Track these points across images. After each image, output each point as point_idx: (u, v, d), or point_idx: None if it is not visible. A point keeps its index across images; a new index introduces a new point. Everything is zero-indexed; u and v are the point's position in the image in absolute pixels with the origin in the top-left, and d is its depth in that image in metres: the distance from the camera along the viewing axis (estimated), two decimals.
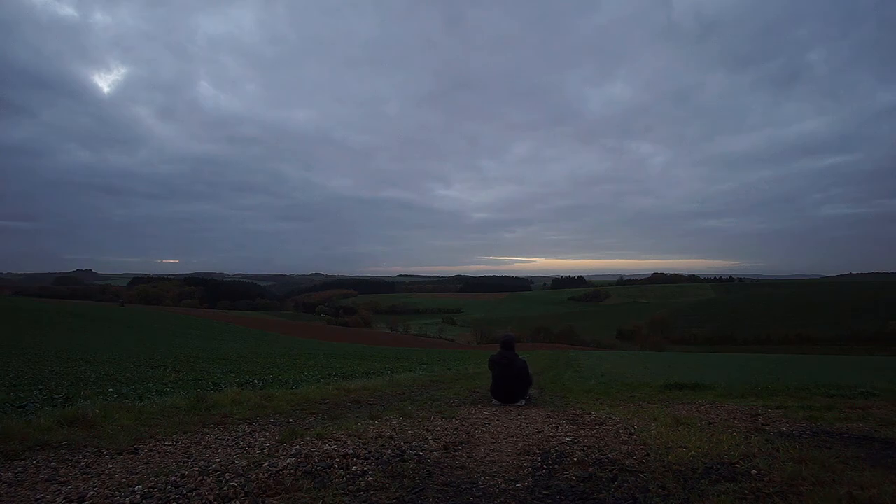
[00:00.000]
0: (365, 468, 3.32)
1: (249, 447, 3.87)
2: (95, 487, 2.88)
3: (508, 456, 3.74)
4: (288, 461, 3.40)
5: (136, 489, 2.84)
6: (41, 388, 8.09)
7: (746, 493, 2.78)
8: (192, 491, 2.83)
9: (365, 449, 3.79)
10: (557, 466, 3.44)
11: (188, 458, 3.56)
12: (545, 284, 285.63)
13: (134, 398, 6.65)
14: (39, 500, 2.71)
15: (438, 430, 4.61)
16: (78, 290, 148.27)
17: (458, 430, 4.65)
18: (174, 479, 3.01)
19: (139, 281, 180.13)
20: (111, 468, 3.28)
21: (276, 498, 2.78)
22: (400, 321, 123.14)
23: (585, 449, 3.85)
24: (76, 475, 3.11)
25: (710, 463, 3.35)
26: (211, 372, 11.67)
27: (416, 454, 3.70)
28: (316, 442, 3.97)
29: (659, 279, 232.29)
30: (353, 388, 7.68)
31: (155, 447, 3.83)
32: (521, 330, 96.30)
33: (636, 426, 4.59)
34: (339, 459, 3.49)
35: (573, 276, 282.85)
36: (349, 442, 4.01)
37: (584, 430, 4.60)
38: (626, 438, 4.16)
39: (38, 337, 26.65)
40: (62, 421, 4.33)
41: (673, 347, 75.48)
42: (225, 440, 4.11)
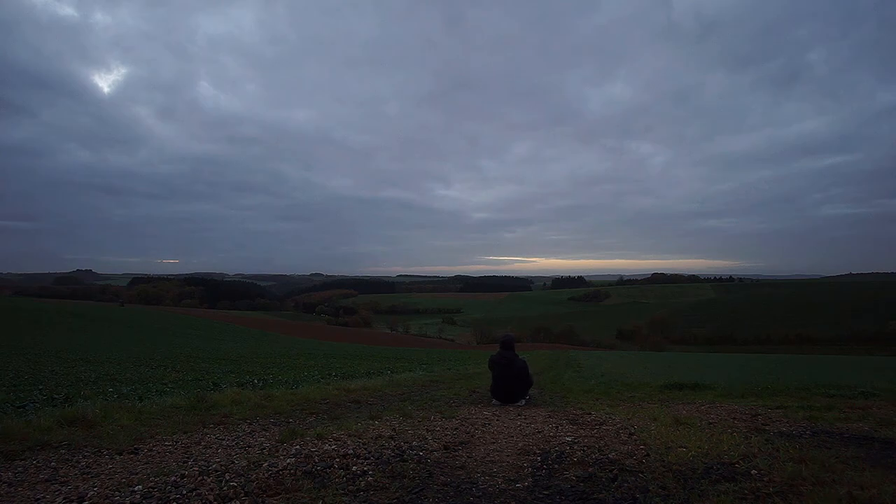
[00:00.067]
0: (365, 468, 3.32)
1: (249, 447, 3.87)
2: (95, 487, 2.88)
3: (508, 456, 3.74)
4: (288, 461, 3.40)
5: (136, 489, 2.84)
6: (41, 388, 8.10)
7: (746, 493, 2.78)
8: (192, 491, 2.83)
9: (365, 449, 3.79)
10: (557, 466, 3.44)
11: (188, 458, 3.56)
12: (545, 284, 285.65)
13: (134, 398, 6.65)
14: (39, 500, 2.71)
15: (438, 430, 4.61)
16: (78, 290, 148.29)
17: (458, 430, 4.65)
18: (174, 479, 3.02)
19: (139, 281, 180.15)
20: (111, 468, 3.28)
21: (276, 498, 2.78)
22: (400, 321, 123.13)
23: (585, 449, 3.85)
24: (76, 475, 3.11)
25: (710, 463, 3.35)
26: (211, 372, 11.67)
27: (416, 454, 3.70)
28: (316, 442, 3.97)
29: (659, 279, 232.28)
30: (353, 388, 7.68)
31: (155, 447, 3.83)
32: (521, 330, 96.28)
33: (636, 426, 4.59)
34: (339, 459, 3.49)
35: (573, 276, 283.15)
36: (349, 442, 4.01)
37: (584, 430, 4.60)
38: (626, 438, 4.16)
39: (38, 337, 26.65)
40: (62, 421, 4.33)
41: (673, 347, 75.46)
42: (225, 440, 4.11)
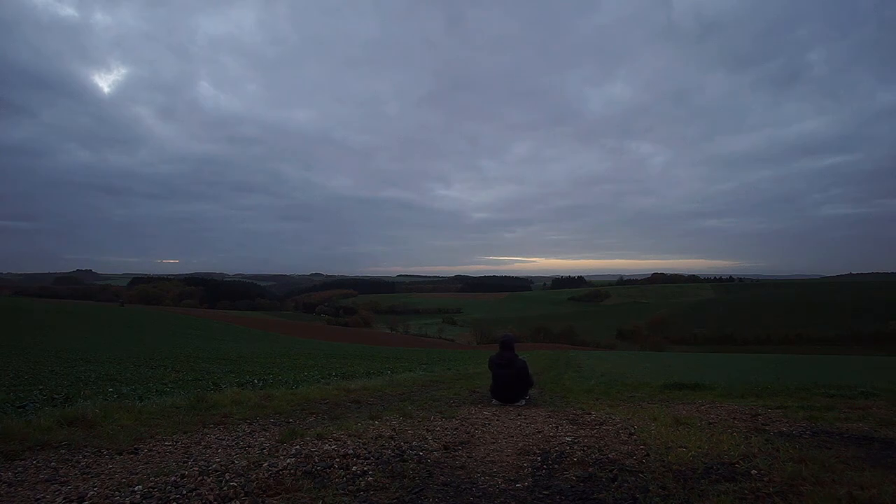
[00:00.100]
0: (365, 468, 3.32)
1: (249, 447, 3.87)
2: (95, 487, 2.88)
3: (508, 456, 3.74)
4: (288, 461, 3.40)
5: (136, 489, 2.84)
6: (41, 388, 8.10)
7: (746, 493, 2.78)
8: (192, 491, 2.83)
9: (365, 449, 3.79)
10: (557, 466, 3.43)
11: (188, 458, 3.55)
12: (545, 284, 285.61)
13: (134, 398, 6.64)
14: (39, 500, 2.71)
15: (438, 430, 4.61)
16: (78, 290, 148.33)
17: (458, 430, 4.65)
18: (174, 479, 3.01)
19: (139, 281, 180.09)
20: (111, 468, 3.28)
21: (276, 498, 2.78)
22: (400, 321, 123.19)
23: (585, 449, 3.84)
24: (76, 475, 3.11)
25: (710, 463, 3.35)
26: (211, 372, 11.67)
27: (416, 454, 3.70)
28: (316, 442, 3.97)
29: (659, 279, 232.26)
30: (353, 388, 7.68)
31: (155, 447, 3.83)
32: (521, 330, 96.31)
33: (636, 426, 4.59)
34: (339, 459, 3.49)
35: (573, 276, 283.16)
36: (349, 442, 4.00)
37: (584, 430, 4.60)
38: (626, 438, 4.15)
39: (38, 337, 26.64)
40: (62, 421, 4.32)
41: (673, 347, 75.50)
42: (225, 440, 4.11)
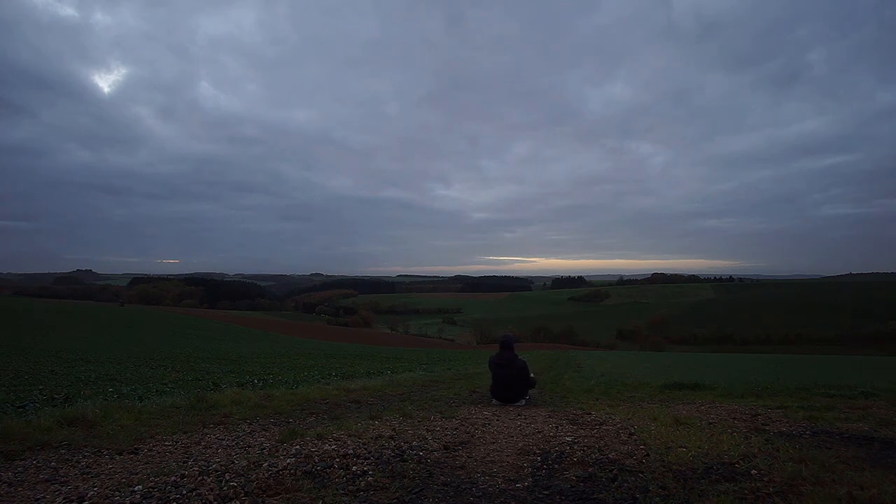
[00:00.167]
0: (365, 468, 3.32)
1: (249, 447, 3.87)
2: (95, 487, 2.88)
3: (508, 456, 3.74)
4: (288, 461, 3.40)
5: (136, 489, 2.84)
6: (41, 388, 8.10)
7: (746, 493, 2.78)
8: (192, 491, 2.83)
9: (365, 449, 3.79)
10: (557, 466, 3.43)
11: (188, 458, 3.55)
12: (545, 284, 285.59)
13: (134, 398, 6.64)
14: (39, 500, 2.71)
15: (438, 430, 4.61)
16: (78, 290, 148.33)
17: (458, 430, 4.65)
18: (174, 479, 3.01)
19: (139, 281, 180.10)
20: (111, 468, 3.28)
21: (276, 498, 2.78)
22: (400, 321, 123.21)
23: (585, 449, 3.84)
24: (76, 475, 3.11)
25: (710, 463, 3.35)
26: (211, 372, 11.67)
27: (416, 454, 3.70)
28: (316, 442, 3.97)
29: (659, 279, 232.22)
30: (353, 388, 7.68)
31: (155, 447, 3.83)
32: (521, 330, 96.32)
33: (636, 426, 4.59)
34: (339, 459, 3.49)
35: (573, 276, 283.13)
36: (349, 442, 4.00)
37: (584, 430, 4.60)
38: (626, 438, 4.15)
39: (38, 337, 26.64)
40: (62, 421, 4.32)
41: (673, 347, 75.51)
42: (225, 440, 4.11)
